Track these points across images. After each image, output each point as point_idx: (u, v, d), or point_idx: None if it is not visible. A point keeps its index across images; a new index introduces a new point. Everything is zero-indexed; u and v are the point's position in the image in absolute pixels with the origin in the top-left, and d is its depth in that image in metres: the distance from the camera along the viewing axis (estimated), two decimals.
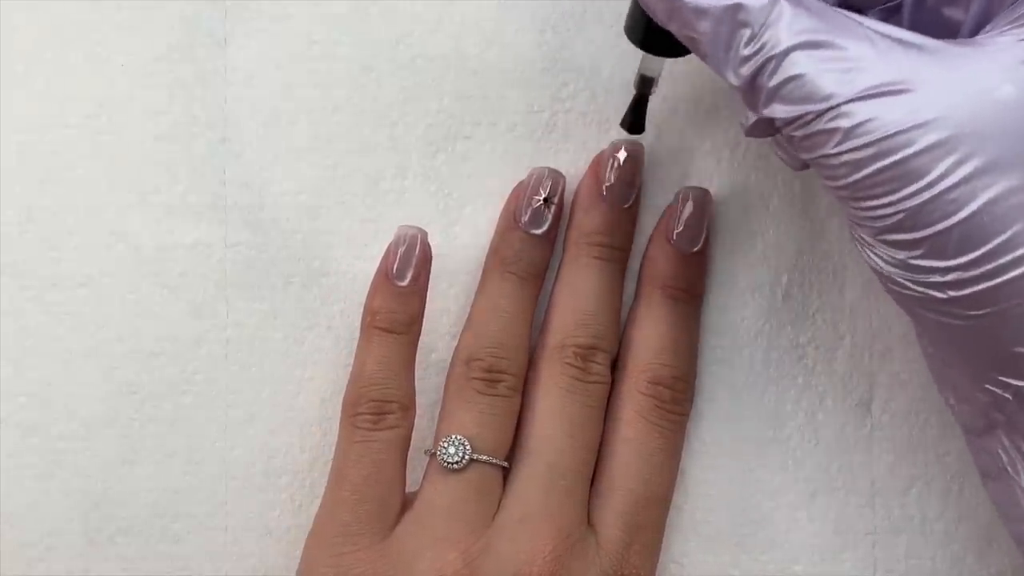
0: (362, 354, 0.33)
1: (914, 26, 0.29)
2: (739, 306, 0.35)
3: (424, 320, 0.34)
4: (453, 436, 0.32)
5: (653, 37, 0.29)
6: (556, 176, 0.34)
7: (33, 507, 0.35)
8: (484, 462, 0.32)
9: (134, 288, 0.35)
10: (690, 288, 0.33)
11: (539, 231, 0.33)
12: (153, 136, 0.35)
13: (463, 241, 0.35)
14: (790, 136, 0.26)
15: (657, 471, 0.33)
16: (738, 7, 0.25)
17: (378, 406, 0.32)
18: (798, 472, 0.35)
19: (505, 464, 0.32)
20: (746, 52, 0.25)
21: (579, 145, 0.34)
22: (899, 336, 0.35)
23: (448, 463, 0.32)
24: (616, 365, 0.34)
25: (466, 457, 0.32)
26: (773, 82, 0.25)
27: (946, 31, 0.29)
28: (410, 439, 0.33)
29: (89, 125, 0.35)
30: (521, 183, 0.34)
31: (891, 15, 0.30)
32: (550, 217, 0.33)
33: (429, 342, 0.34)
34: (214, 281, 0.35)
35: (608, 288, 0.33)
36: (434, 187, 0.35)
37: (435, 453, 0.32)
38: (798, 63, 0.25)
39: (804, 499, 0.35)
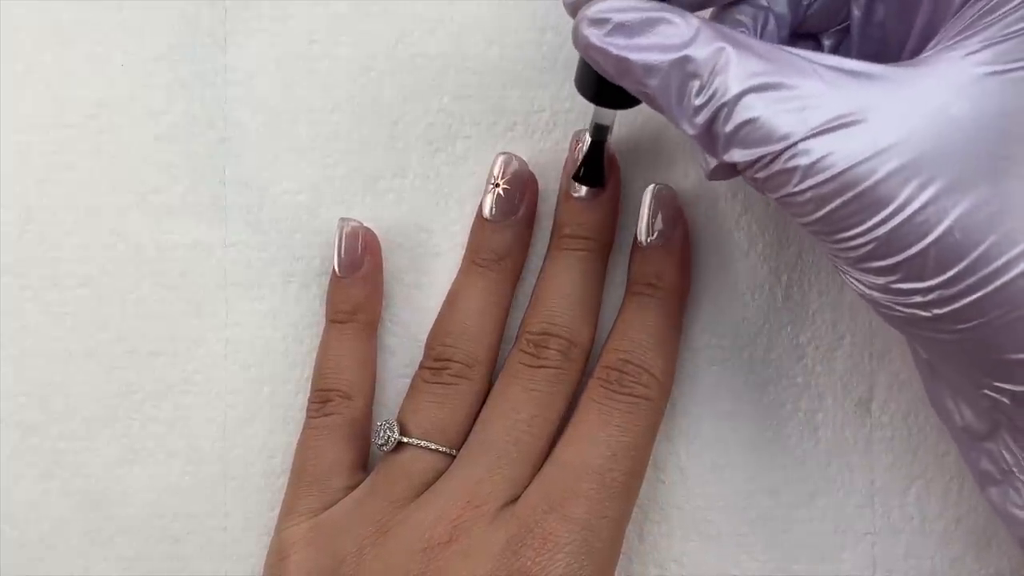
0: (319, 346, 0.35)
1: (864, 42, 0.30)
2: (739, 306, 0.35)
3: (422, 321, 0.34)
4: (382, 420, 0.33)
5: (604, 91, 0.29)
6: (509, 160, 0.34)
7: (33, 507, 0.35)
8: (415, 446, 0.32)
9: (134, 288, 0.35)
10: (657, 283, 0.33)
11: (490, 216, 0.34)
12: (153, 136, 0.35)
13: (462, 241, 0.35)
14: (752, 178, 0.26)
15: (592, 444, 0.32)
16: (685, 59, 0.25)
17: (321, 395, 0.34)
18: (798, 472, 0.35)
19: (440, 448, 0.33)
20: (698, 102, 0.25)
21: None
22: (899, 336, 0.35)
23: (378, 445, 0.33)
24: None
25: (391, 440, 0.32)
26: (728, 128, 0.25)
27: (895, 45, 0.29)
28: (358, 424, 0.34)
29: (89, 125, 0.35)
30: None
31: (843, 35, 0.30)
32: (500, 202, 0.34)
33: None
34: (214, 281, 0.35)
35: (573, 277, 0.33)
36: (434, 187, 0.35)
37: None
38: (751, 107, 0.25)
39: (804, 499, 0.35)
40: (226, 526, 0.35)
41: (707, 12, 0.30)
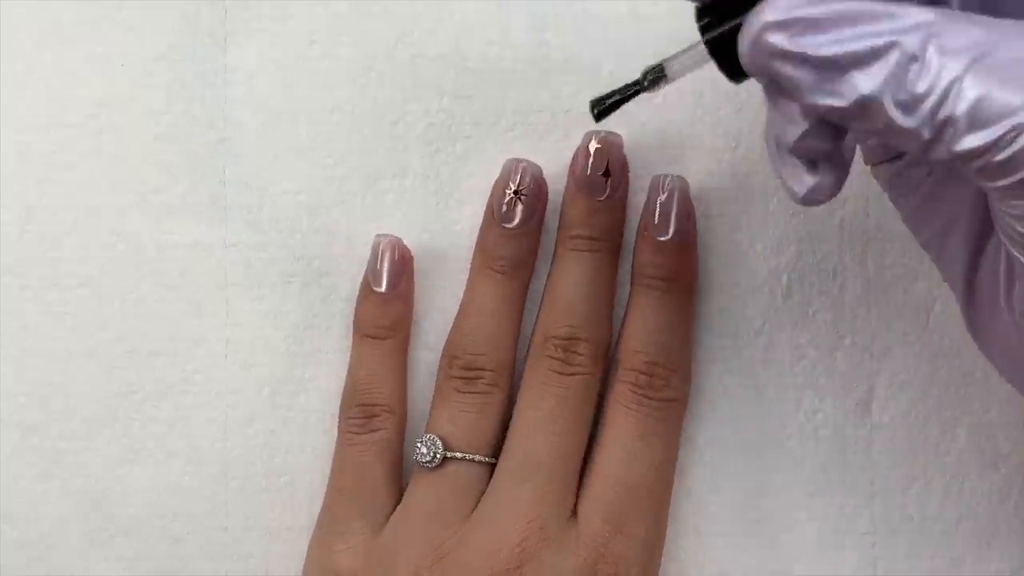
0: (352, 361, 0.34)
1: None
2: (739, 306, 0.35)
3: (422, 322, 0.34)
4: (427, 436, 0.33)
5: (728, 51, 0.25)
6: (527, 168, 0.33)
7: (33, 507, 0.35)
8: (460, 459, 0.32)
9: (134, 288, 0.35)
10: (671, 276, 0.33)
11: (511, 225, 0.33)
12: (153, 136, 0.35)
13: (463, 241, 0.35)
14: (982, 167, 0.23)
15: (636, 457, 0.32)
16: (898, 44, 0.22)
17: (365, 410, 0.33)
18: (798, 472, 0.35)
19: (485, 459, 0.32)
20: (921, 89, 0.22)
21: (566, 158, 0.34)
22: (899, 336, 0.35)
23: (422, 463, 0.32)
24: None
25: (438, 455, 0.32)
26: (961, 109, 0.22)
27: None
28: (400, 440, 0.34)
29: (89, 125, 0.35)
30: (497, 179, 0.34)
31: None
32: (522, 210, 0.33)
33: (429, 343, 0.35)
34: (214, 281, 0.35)
35: (590, 279, 0.33)
36: (434, 187, 0.35)
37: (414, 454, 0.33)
38: (980, 82, 0.22)
39: (804, 499, 0.35)
40: (226, 526, 0.35)
41: None
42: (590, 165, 0.33)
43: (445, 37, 0.35)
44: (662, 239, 0.33)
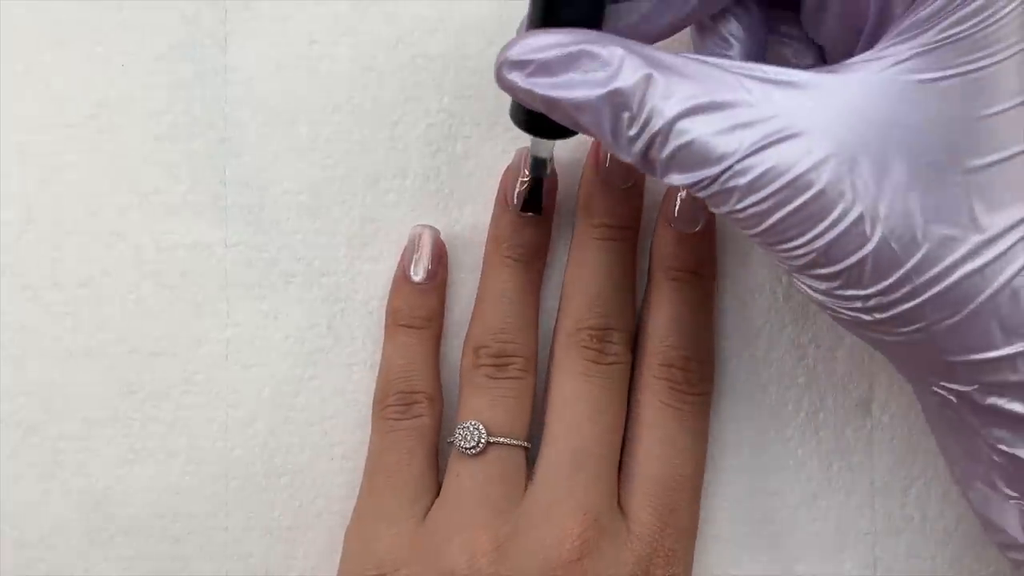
0: (387, 352, 0.34)
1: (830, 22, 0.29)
2: (739, 306, 0.35)
3: None
4: (468, 422, 0.32)
5: (540, 121, 0.29)
6: None
7: (33, 507, 0.35)
8: (502, 444, 0.32)
9: (134, 288, 0.35)
10: (696, 269, 0.33)
11: (530, 212, 0.33)
12: (153, 136, 0.35)
13: (464, 240, 0.35)
14: (696, 195, 0.26)
15: (681, 453, 0.33)
16: (613, 93, 0.25)
17: (405, 397, 0.33)
18: (799, 472, 0.35)
19: (525, 444, 0.33)
20: (631, 133, 0.25)
21: (579, 144, 0.34)
22: None
23: (466, 449, 0.32)
24: (634, 351, 0.34)
25: (482, 441, 0.32)
26: (664, 154, 0.25)
27: (852, 32, 0.28)
28: (438, 429, 0.34)
29: (89, 125, 0.35)
30: (510, 165, 0.34)
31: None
32: (544, 196, 0.33)
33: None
34: (214, 281, 0.35)
35: (616, 268, 0.33)
36: (434, 187, 0.35)
37: (453, 441, 0.33)
38: (685, 131, 0.25)
39: (804, 499, 0.35)
40: (227, 526, 0.35)
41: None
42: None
43: (445, 37, 0.35)
44: (688, 232, 0.33)
